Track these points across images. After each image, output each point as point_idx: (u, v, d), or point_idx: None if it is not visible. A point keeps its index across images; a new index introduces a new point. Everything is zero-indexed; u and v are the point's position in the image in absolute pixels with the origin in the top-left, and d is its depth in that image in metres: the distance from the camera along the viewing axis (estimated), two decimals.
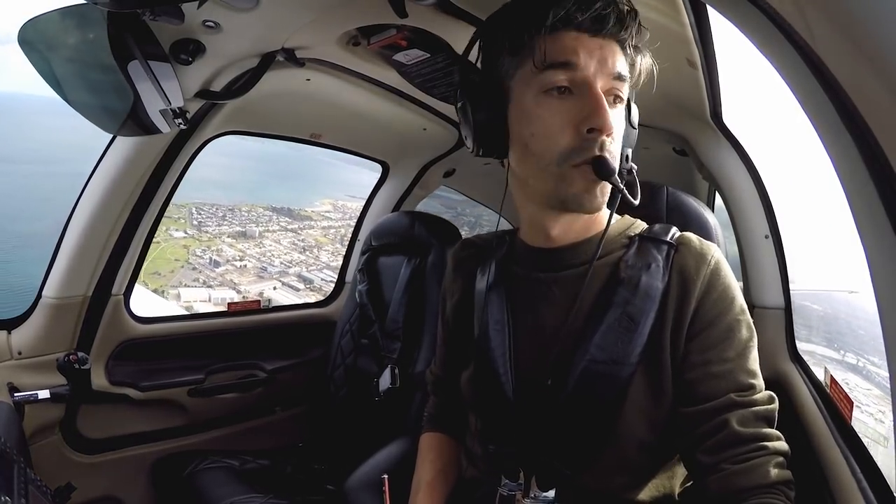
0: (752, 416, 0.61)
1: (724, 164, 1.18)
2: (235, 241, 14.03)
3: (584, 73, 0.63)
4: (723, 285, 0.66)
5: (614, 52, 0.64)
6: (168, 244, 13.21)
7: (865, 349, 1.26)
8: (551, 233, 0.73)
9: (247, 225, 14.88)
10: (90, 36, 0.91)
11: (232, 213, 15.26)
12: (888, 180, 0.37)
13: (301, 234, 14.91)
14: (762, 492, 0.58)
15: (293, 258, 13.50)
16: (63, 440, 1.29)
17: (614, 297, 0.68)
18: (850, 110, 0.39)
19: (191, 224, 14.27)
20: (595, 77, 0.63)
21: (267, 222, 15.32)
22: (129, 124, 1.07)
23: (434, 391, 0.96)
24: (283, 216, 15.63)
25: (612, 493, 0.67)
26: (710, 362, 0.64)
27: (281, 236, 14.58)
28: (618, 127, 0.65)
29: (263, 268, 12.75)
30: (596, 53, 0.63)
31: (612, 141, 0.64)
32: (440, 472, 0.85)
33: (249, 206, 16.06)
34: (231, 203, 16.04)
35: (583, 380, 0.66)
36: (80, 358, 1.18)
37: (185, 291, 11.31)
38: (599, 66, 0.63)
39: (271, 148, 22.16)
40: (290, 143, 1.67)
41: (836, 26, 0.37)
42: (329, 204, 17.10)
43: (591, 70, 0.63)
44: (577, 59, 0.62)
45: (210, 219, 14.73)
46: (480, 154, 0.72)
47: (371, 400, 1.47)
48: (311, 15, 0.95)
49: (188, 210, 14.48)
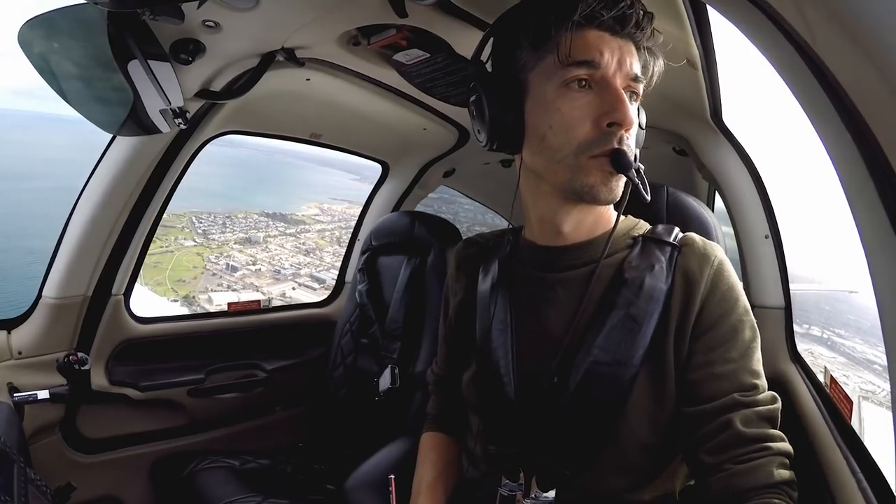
0: (755, 416, 0.61)
1: (724, 164, 1.18)
2: (243, 247, 14.61)
3: (604, 71, 0.64)
4: (726, 286, 0.66)
5: (632, 53, 0.65)
6: (181, 252, 13.78)
7: (831, 323, 1.28)
8: (563, 228, 0.73)
9: (248, 231, 15.40)
10: (90, 36, 0.91)
11: (231, 221, 15.73)
12: (888, 180, 0.37)
13: (300, 238, 15.46)
14: (765, 492, 0.58)
15: (300, 260, 14.02)
16: (63, 440, 1.29)
17: (618, 299, 0.67)
18: (850, 110, 0.39)
19: (196, 232, 14.76)
20: (614, 76, 0.64)
21: (265, 228, 15.82)
22: (129, 124, 1.07)
23: (435, 391, 0.96)
24: (278, 221, 16.16)
25: (613, 494, 0.67)
26: (714, 362, 0.64)
27: (283, 241, 15.12)
28: (634, 124, 0.66)
29: (277, 270, 13.22)
30: (616, 53, 0.64)
31: (629, 136, 0.65)
32: (441, 473, 0.85)
33: (245, 212, 16.55)
34: (226, 210, 16.57)
35: (585, 381, 0.66)
36: (80, 358, 1.18)
37: (214, 295, 11.90)
38: (619, 65, 0.64)
39: (241, 153, 22.48)
40: (258, 147, 1.68)
41: (836, 26, 0.37)
42: (316, 207, 17.61)
43: (612, 69, 0.64)
44: (601, 58, 0.63)
45: (212, 227, 15.27)
46: (494, 148, 0.72)
47: (371, 400, 1.46)
48: (311, 15, 0.94)
49: (189, 219, 14.97)
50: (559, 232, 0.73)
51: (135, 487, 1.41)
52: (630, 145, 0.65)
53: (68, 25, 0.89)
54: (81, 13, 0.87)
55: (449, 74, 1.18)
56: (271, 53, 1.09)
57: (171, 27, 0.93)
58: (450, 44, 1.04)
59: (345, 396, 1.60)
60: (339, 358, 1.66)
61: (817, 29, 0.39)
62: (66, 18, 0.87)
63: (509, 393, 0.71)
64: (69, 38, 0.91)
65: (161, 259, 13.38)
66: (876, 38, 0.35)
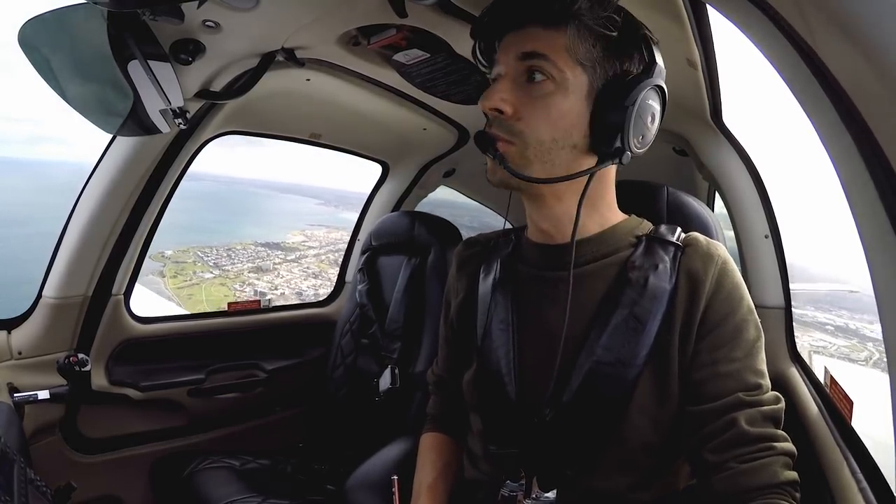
0: (759, 415, 0.61)
1: (724, 164, 1.18)
2: (258, 275, 15.71)
3: (502, 67, 0.67)
4: (731, 285, 0.66)
5: (528, 36, 0.65)
6: (205, 284, 15.11)
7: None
8: (540, 226, 0.74)
9: (255, 261, 16.51)
10: (90, 36, 0.91)
11: (234, 252, 16.83)
12: (888, 180, 0.37)
13: (302, 263, 16.54)
14: (769, 492, 0.58)
15: (312, 283, 15.00)
16: (63, 440, 1.29)
17: (621, 298, 0.67)
18: (850, 110, 0.39)
19: (208, 265, 15.96)
20: (507, 64, 0.67)
21: (266, 257, 16.90)
22: (129, 124, 1.07)
23: (435, 391, 0.96)
24: (275, 250, 17.28)
25: (615, 494, 0.66)
26: (719, 362, 0.63)
27: (289, 267, 16.25)
28: (526, 105, 0.65)
29: (299, 293, 14.24)
30: (511, 47, 0.66)
31: (512, 119, 0.66)
32: (441, 474, 0.85)
33: (242, 244, 17.60)
34: (223, 244, 17.58)
35: (588, 380, 0.65)
36: (81, 360, 1.18)
37: None
38: (513, 51, 0.66)
39: (202, 186, 23.01)
40: (217, 179, 1.68)
41: (836, 26, 0.37)
42: (300, 234, 18.84)
43: (508, 59, 0.67)
44: (498, 60, 0.68)
45: (220, 259, 16.37)
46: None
47: (371, 400, 1.46)
48: (311, 15, 0.95)
49: (194, 253, 16.19)
50: (540, 229, 0.74)
51: (135, 487, 1.41)
52: (517, 127, 0.65)
53: (68, 25, 0.89)
54: (81, 13, 0.87)
55: (449, 74, 1.18)
56: (271, 53, 1.09)
57: (171, 27, 0.93)
58: (450, 44, 1.04)
59: (345, 396, 1.60)
60: (340, 358, 1.66)
61: (817, 29, 0.39)
62: (65, 18, 0.87)
63: (510, 392, 0.71)
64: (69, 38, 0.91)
65: (192, 291, 14.58)
66: (876, 39, 0.35)
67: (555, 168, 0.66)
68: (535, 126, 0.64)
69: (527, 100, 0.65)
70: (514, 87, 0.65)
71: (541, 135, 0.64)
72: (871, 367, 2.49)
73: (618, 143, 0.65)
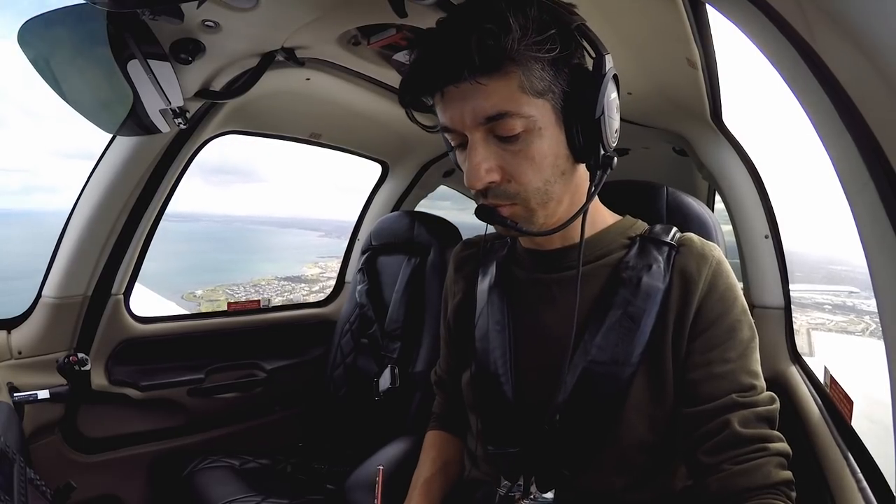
0: (753, 416, 0.61)
1: (724, 164, 1.18)
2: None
3: (461, 130, 0.62)
4: (724, 285, 0.66)
5: (478, 92, 0.58)
6: None
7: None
8: (535, 237, 0.73)
9: (283, 294, 17.61)
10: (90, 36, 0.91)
11: (259, 287, 17.87)
12: (888, 180, 0.37)
13: (326, 293, 17.66)
14: (763, 492, 0.58)
15: None
16: (63, 440, 1.29)
17: (615, 298, 0.68)
18: (850, 110, 0.39)
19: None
20: (471, 130, 0.61)
21: (292, 290, 18.14)
22: (129, 124, 1.07)
23: (439, 391, 0.96)
24: (299, 283, 18.42)
25: (612, 494, 0.67)
26: (712, 363, 0.64)
27: (316, 297, 17.22)
28: (511, 164, 0.61)
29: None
30: (459, 104, 0.60)
31: (504, 184, 0.62)
32: (439, 471, 0.85)
33: (265, 279, 18.70)
34: (246, 281, 18.68)
35: (583, 381, 0.66)
36: (80, 359, 1.18)
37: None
38: (470, 116, 0.60)
39: (200, 227, 23.59)
40: (212, 217, 1.68)
41: (836, 26, 0.37)
42: (315, 267, 20.07)
43: (466, 123, 0.60)
44: (449, 121, 0.62)
45: (249, 294, 17.06)
46: None
47: (371, 400, 1.46)
48: (311, 15, 0.94)
49: (223, 292, 17.24)
50: (539, 240, 0.73)
51: (135, 487, 1.41)
52: (510, 190, 0.62)
53: (68, 25, 0.89)
54: (81, 13, 0.87)
55: None
56: (271, 53, 1.09)
57: (171, 27, 0.93)
58: None
59: (345, 396, 1.60)
60: (339, 358, 1.66)
61: (817, 29, 0.39)
62: (65, 18, 0.87)
63: (507, 393, 0.71)
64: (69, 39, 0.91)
65: None
66: (876, 38, 0.35)
67: (554, 202, 0.65)
68: (527, 181, 0.62)
69: (508, 158, 0.61)
70: (490, 153, 0.61)
71: (535, 184, 0.62)
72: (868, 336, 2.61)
73: (601, 151, 0.63)
